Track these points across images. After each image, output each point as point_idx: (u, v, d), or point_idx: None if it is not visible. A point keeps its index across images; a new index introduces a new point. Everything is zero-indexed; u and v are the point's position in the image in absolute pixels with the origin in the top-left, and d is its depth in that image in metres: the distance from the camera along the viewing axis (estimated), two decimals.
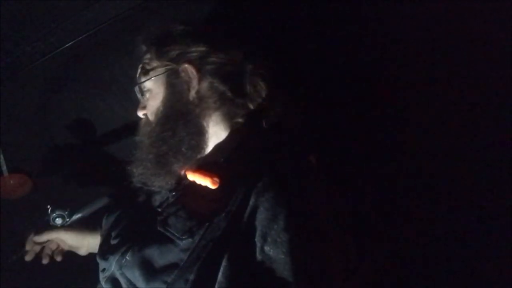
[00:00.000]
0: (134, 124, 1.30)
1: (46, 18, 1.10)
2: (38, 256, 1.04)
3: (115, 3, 1.12)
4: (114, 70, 1.28)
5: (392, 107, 0.97)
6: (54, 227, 1.06)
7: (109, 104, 1.34)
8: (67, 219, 1.08)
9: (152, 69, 0.88)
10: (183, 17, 1.00)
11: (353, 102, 0.99)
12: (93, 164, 1.39)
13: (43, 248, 1.05)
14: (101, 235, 0.97)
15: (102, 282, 0.85)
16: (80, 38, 1.16)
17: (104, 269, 0.86)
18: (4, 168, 1.25)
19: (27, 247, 1.04)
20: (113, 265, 0.82)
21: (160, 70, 0.87)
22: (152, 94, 0.88)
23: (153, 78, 0.87)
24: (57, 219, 1.07)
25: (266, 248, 0.65)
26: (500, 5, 0.86)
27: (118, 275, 0.81)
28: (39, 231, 1.04)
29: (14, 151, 1.27)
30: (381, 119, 0.98)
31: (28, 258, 1.03)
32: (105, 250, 0.88)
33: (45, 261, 1.03)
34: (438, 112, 0.93)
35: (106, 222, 0.96)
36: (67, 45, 1.16)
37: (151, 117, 0.88)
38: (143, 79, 0.89)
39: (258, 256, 0.65)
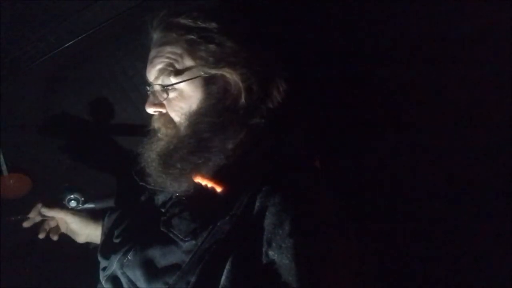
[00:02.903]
0: (134, 123, 1.32)
1: (46, 18, 1.10)
2: (35, 230, 1.03)
3: (115, 3, 1.12)
4: (114, 70, 1.28)
5: (394, 108, 0.97)
6: (65, 207, 1.06)
7: (109, 104, 1.34)
8: (80, 205, 1.08)
9: (185, 69, 0.79)
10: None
11: (355, 104, 0.99)
12: (94, 162, 1.40)
13: (43, 221, 1.05)
14: (103, 233, 0.97)
15: (103, 281, 0.85)
16: (80, 38, 1.16)
17: (105, 268, 0.87)
18: (4, 168, 1.25)
19: (31, 215, 1.03)
20: (115, 264, 0.82)
21: (196, 72, 0.78)
22: (183, 95, 0.79)
23: (186, 80, 0.78)
24: (72, 201, 1.07)
25: (271, 253, 0.64)
26: (500, 5, 0.86)
27: (119, 274, 0.81)
28: (49, 205, 1.04)
29: (14, 151, 1.27)
30: (382, 121, 0.98)
31: (26, 224, 1.02)
32: (107, 248, 0.88)
33: (41, 235, 1.02)
34: (439, 112, 0.93)
35: (108, 220, 0.96)
36: (67, 45, 1.17)
37: (176, 118, 0.81)
38: (172, 78, 0.79)
39: (263, 261, 0.65)
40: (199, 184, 0.77)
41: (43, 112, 1.32)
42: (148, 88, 0.84)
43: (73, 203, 1.07)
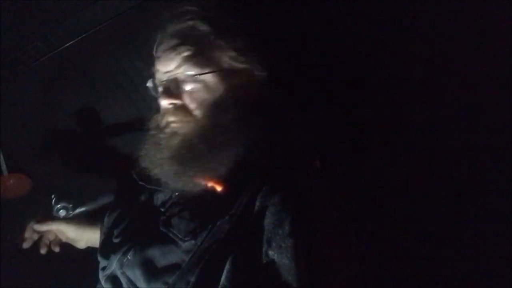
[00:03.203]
0: (134, 123, 1.32)
1: (46, 18, 1.10)
2: (35, 246, 1.02)
3: (115, 3, 1.12)
4: (114, 70, 1.28)
5: (393, 109, 0.97)
6: (56, 218, 1.05)
7: (109, 104, 1.34)
8: (71, 212, 1.06)
9: (212, 60, 0.78)
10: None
11: (356, 104, 0.99)
12: (93, 162, 1.40)
13: (41, 237, 1.03)
14: (103, 233, 0.97)
15: (102, 281, 0.85)
16: (80, 38, 1.16)
17: (104, 268, 0.86)
18: (4, 168, 1.25)
19: (26, 234, 1.02)
20: (114, 263, 0.82)
21: (222, 64, 0.78)
22: (208, 86, 0.77)
23: (210, 72, 0.77)
24: (60, 211, 1.05)
25: (270, 253, 0.64)
26: (500, 5, 0.86)
27: (119, 274, 0.81)
28: (40, 220, 1.03)
29: (14, 151, 1.27)
30: (382, 120, 0.98)
31: (25, 245, 1.01)
32: (107, 248, 0.88)
33: (43, 250, 1.01)
34: (439, 112, 0.93)
35: (108, 220, 0.96)
36: (67, 45, 1.17)
37: (197, 111, 0.77)
38: (198, 68, 0.77)
39: (263, 261, 0.65)
40: (200, 183, 0.77)
41: (43, 112, 1.32)
42: (162, 78, 0.80)
43: (62, 212, 1.05)
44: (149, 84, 0.84)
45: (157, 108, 0.86)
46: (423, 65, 0.94)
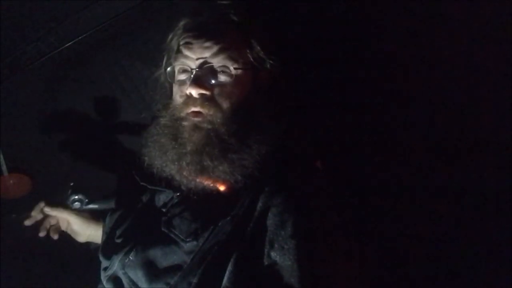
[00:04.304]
0: (134, 124, 1.31)
1: (46, 18, 1.10)
2: (35, 228, 1.03)
3: (115, 3, 1.12)
4: (114, 70, 1.28)
5: (394, 110, 0.97)
6: (68, 207, 1.06)
7: (109, 104, 1.34)
8: (84, 206, 1.08)
9: (244, 57, 0.79)
10: (182, 17, 0.88)
11: (357, 105, 0.99)
12: (93, 163, 1.40)
13: (43, 220, 1.04)
14: (105, 233, 0.97)
15: (104, 281, 0.85)
16: (80, 38, 1.16)
17: (106, 268, 0.87)
18: (4, 168, 1.24)
19: (33, 213, 1.02)
20: (116, 264, 0.82)
21: (252, 64, 0.81)
22: (240, 81, 0.78)
23: (242, 67, 0.78)
24: (75, 202, 1.07)
25: (273, 254, 0.65)
26: (500, 5, 0.86)
27: (120, 274, 0.81)
28: (52, 204, 1.04)
29: (14, 151, 1.27)
30: (383, 121, 0.98)
31: (28, 222, 1.02)
32: (109, 248, 0.88)
33: (42, 233, 1.01)
34: (439, 113, 0.93)
35: (109, 220, 0.97)
36: (67, 45, 1.16)
37: (225, 105, 0.76)
38: (233, 62, 0.77)
39: (265, 262, 0.65)
40: (201, 184, 0.77)
41: (43, 112, 1.32)
42: (192, 65, 0.78)
43: (77, 205, 1.07)
44: (169, 69, 0.83)
45: (166, 103, 0.85)
46: (423, 65, 0.94)
